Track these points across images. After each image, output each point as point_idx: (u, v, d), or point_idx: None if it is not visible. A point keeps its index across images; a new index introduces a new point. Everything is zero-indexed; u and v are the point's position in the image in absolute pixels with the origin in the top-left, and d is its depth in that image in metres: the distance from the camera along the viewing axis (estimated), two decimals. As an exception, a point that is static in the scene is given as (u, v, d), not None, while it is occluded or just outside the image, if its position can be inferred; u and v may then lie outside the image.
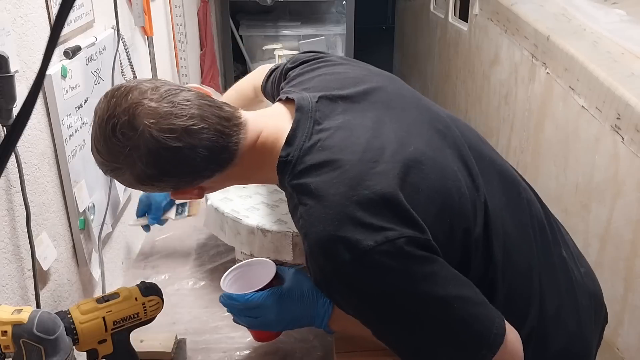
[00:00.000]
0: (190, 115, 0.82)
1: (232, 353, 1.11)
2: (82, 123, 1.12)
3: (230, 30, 2.97)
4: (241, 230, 1.19)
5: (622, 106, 1.31)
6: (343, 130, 0.85)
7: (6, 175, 0.88)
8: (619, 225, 1.34)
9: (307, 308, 0.94)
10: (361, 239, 0.76)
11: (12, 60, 0.84)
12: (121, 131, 0.80)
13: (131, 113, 0.80)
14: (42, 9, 1.00)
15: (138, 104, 0.80)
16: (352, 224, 0.77)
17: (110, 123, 0.81)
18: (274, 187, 1.31)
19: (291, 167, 0.85)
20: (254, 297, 0.96)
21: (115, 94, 0.83)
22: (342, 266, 0.77)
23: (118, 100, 0.81)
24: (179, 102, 0.82)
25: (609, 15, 1.68)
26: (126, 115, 0.80)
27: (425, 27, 3.24)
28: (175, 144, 0.80)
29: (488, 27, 2.25)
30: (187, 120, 0.81)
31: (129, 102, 0.81)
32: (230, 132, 0.85)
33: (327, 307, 0.94)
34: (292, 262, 1.18)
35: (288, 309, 0.95)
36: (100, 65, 1.21)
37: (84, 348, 0.87)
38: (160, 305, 0.94)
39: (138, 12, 1.50)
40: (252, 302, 0.95)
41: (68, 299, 1.09)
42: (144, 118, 0.80)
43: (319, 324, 0.95)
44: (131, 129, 0.80)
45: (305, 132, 0.86)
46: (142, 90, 0.82)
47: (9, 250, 0.90)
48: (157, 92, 0.82)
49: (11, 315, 0.77)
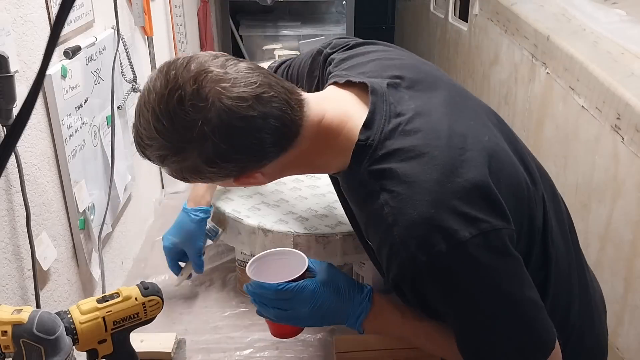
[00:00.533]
0: (259, 83, 0.76)
1: (232, 353, 1.11)
2: (82, 123, 1.12)
3: (230, 30, 2.97)
4: (242, 230, 1.19)
5: (622, 106, 1.31)
6: (421, 115, 0.81)
7: (6, 175, 0.88)
8: (619, 225, 1.34)
9: (342, 304, 0.89)
10: (458, 229, 0.73)
11: (12, 60, 0.84)
12: (190, 102, 0.73)
13: (199, 82, 0.74)
14: (42, 9, 1.00)
15: (203, 72, 0.74)
16: (449, 212, 0.74)
17: (175, 96, 0.74)
18: (275, 187, 1.31)
19: (371, 152, 0.80)
20: (289, 287, 0.88)
21: (172, 67, 0.76)
22: (437, 257, 0.73)
23: (179, 72, 0.75)
24: (243, 69, 0.77)
25: (609, 15, 1.68)
26: (194, 84, 0.73)
27: (425, 27, 3.25)
28: (249, 112, 0.74)
29: (488, 27, 2.25)
30: (257, 87, 0.76)
31: (193, 72, 0.74)
32: (296, 105, 0.80)
33: (364, 306, 0.89)
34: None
35: (322, 303, 0.88)
36: (100, 65, 1.21)
37: (84, 348, 0.87)
38: (160, 305, 0.93)
39: (138, 12, 1.50)
40: (285, 292, 0.88)
41: (68, 299, 1.09)
42: (213, 86, 0.74)
43: (353, 322, 0.90)
44: (201, 99, 0.73)
45: (383, 116, 0.81)
46: (202, 60, 0.76)
47: (9, 250, 0.90)
48: (218, 60, 0.76)
49: (11, 315, 0.77)
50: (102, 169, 1.23)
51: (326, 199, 1.26)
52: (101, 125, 1.22)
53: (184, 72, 0.74)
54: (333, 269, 0.93)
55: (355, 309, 0.89)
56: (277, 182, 1.32)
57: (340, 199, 1.02)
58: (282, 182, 1.33)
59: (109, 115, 1.25)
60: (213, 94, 0.73)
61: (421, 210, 0.74)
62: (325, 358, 1.09)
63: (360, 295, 0.89)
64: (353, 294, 0.89)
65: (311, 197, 1.27)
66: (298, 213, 1.21)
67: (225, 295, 1.27)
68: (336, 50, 0.98)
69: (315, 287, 0.89)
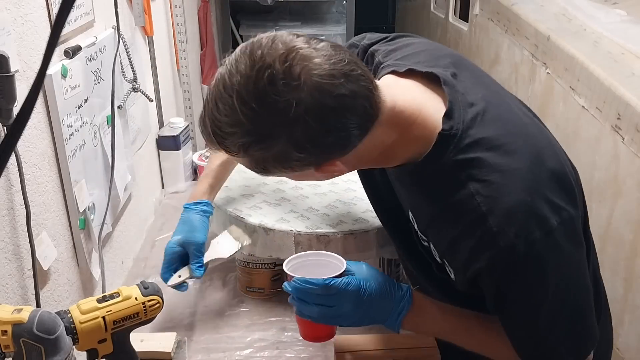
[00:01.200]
0: (347, 60, 0.72)
1: (232, 353, 1.11)
2: (82, 123, 1.12)
3: (230, 30, 2.97)
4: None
5: (622, 106, 1.31)
6: (492, 105, 0.81)
7: (6, 175, 0.88)
8: (619, 225, 1.34)
9: (385, 301, 0.88)
10: (549, 216, 0.74)
11: (13, 59, 0.84)
12: (283, 82, 0.69)
13: (290, 59, 0.69)
14: (42, 8, 1.00)
15: (293, 49, 0.70)
16: (542, 199, 0.74)
17: (265, 76, 0.69)
18: (276, 186, 1.31)
19: (455, 141, 0.78)
20: (336, 281, 0.87)
21: (256, 46, 0.72)
22: (533, 244, 0.74)
23: (265, 51, 0.70)
24: (328, 47, 0.73)
25: (610, 16, 1.68)
26: (284, 62, 0.69)
27: (426, 27, 3.24)
28: (341, 90, 0.71)
29: (488, 27, 2.25)
30: (346, 65, 0.72)
31: (282, 50, 0.70)
32: (376, 86, 0.76)
33: (405, 302, 0.88)
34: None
35: (367, 301, 0.87)
36: (100, 65, 1.21)
37: (84, 348, 0.87)
38: (160, 305, 0.93)
39: (138, 12, 1.50)
40: (332, 287, 0.86)
41: (68, 299, 1.09)
42: (304, 63, 0.70)
43: (393, 320, 0.89)
44: (292, 77, 0.69)
45: (460, 106, 0.79)
46: (286, 38, 0.72)
47: (9, 249, 0.90)
48: (302, 38, 0.73)
49: (11, 315, 0.77)
50: (102, 168, 1.23)
51: (328, 197, 1.26)
52: (101, 125, 1.22)
53: (271, 51, 0.70)
54: (371, 267, 0.92)
55: (396, 306, 0.88)
56: (279, 180, 1.33)
57: (373, 195, 1.02)
58: (284, 180, 1.33)
59: (109, 115, 1.25)
60: (305, 72, 0.69)
61: (518, 198, 0.74)
62: (325, 358, 1.09)
63: (401, 292, 0.89)
64: (394, 291, 0.89)
65: (312, 195, 1.27)
66: (299, 212, 1.21)
67: (225, 295, 1.27)
68: (375, 42, 0.97)
69: (360, 282, 0.87)
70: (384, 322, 0.90)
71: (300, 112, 0.70)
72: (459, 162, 0.77)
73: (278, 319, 1.20)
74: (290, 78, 0.69)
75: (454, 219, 0.79)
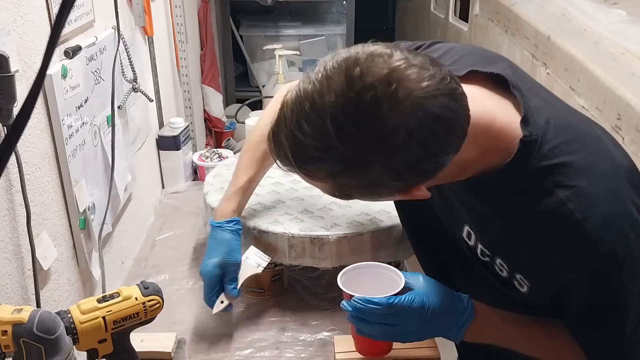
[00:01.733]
0: (450, 78, 0.66)
1: (232, 353, 1.11)
2: (82, 123, 1.12)
3: (230, 30, 2.97)
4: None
5: (622, 106, 1.31)
6: (553, 106, 0.79)
7: (6, 175, 0.88)
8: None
9: (448, 316, 0.85)
10: (638, 218, 0.72)
11: (13, 60, 0.84)
12: (388, 106, 0.63)
13: (395, 80, 0.63)
14: (42, 8, 1.00)
15: (395, 69, 0.63)
16: (629, 201, 0.72)
17: (366, 97, 0.63)
18: (272, 188, 1.31)
19: (537, 147, 0.73)
20: (400, 299, 0.83)
21: (351, 62, 0.65)
22: (631, 247, 0.72)
23: (364, 69, 0.63)
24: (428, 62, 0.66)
25: (610, 16, 1.68)
26: (389, 84, 0.63)
27: (426, 28, 3.24)
28: (446, 113, 0.65)
29: (488, 28, 2.25)
30: (449, 83, 0.66)
31: (384, 70, 0.63)
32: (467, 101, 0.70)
33: (468, 315, 0.85)
34: (288, 263, 1.18)
35: (431, 317, 0.84)
36: (100, 65, 1.21)
37: (84, 348, 0.87)
38: (160, 305, 0.93)
39: (138, 12, 1.50)
40: (396, 306, 0.83)
41: (68, 299, 1.09)
42: (409, 86, 0.63)
43: (456, 332, 0.86)
44: (398, 101, 0.63)
45: (532, 110, 0.75)
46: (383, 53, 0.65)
47: (9, 249, 0.90)
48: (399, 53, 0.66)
49: (11, 315, 0.77)
50: (102, 168, 1.23)
51: (323, 200, 1.25)
52: (101, 125, 1.22)
53: (371, 69, 0.63)
54: (427, 277, 0.89)
55: (459, 319, 0.85)
56: (275, 182, 1.32)
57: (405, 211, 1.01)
58: (280, 182, 1.33)
59: (109, 115, 1.25)
60: (410, 95, 0.63)
61: (613, 202, 0.72)
62: (325, 358, 1.09)
63: (463, 304, 0.86)
64: (456, 302, 0.86)
65: (308, 198, 1.27)
66: (294, 214, 1.21)
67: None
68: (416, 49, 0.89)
69: (422, 298, 0.84)
70: (446, 335, 0.88)
71: (404, 137, 0.64)
72: (543, 168, 0.73)
73: (278, 319, 1.20)
74: (395, 101, 0.63)
75: (539, 228, 0.75)
